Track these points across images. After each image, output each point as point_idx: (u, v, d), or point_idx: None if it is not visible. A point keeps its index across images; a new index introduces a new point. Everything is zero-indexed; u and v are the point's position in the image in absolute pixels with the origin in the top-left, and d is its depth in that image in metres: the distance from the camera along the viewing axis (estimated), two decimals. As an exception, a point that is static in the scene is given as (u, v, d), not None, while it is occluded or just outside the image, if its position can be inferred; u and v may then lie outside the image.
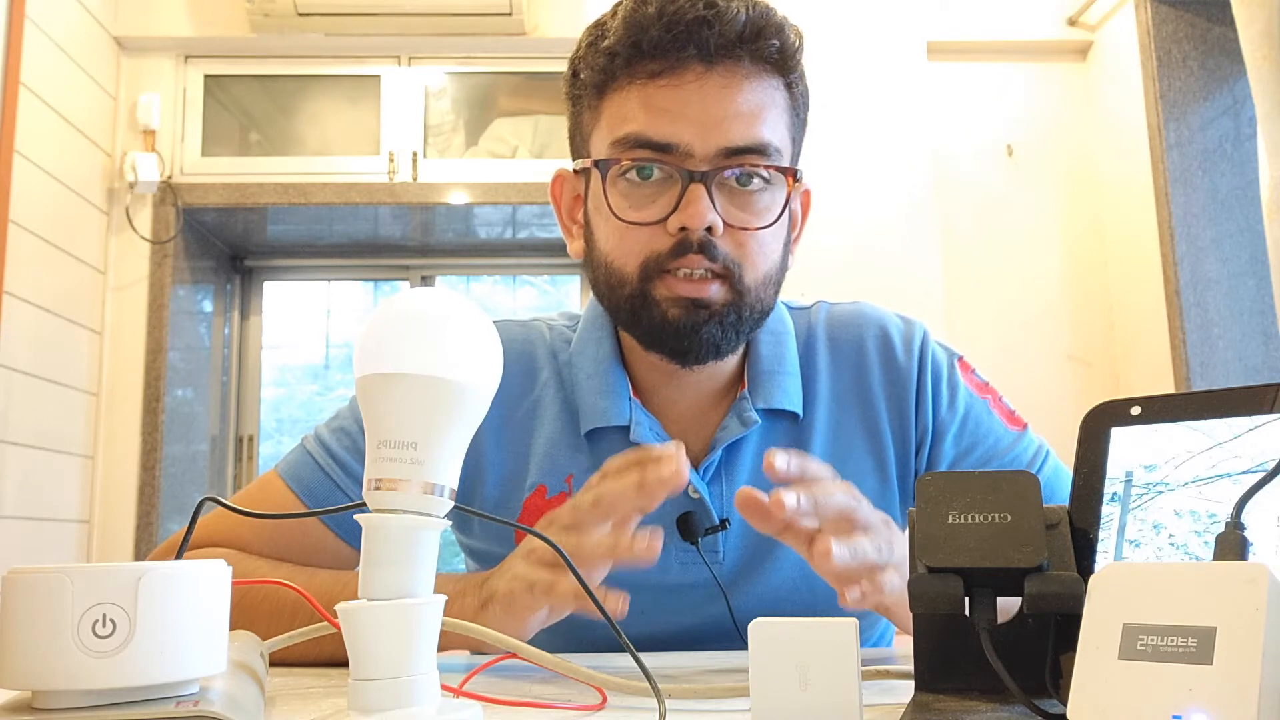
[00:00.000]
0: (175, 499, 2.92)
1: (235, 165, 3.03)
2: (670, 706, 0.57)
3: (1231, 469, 0.48)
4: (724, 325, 0.85)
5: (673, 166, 0.84)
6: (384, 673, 0.48)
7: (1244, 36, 2.20)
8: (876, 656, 0.92)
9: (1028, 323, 3.05)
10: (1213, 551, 0.44)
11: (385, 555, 0.49)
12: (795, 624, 0.49)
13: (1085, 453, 0.53)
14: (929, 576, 0.49)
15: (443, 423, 0.49)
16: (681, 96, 0.84)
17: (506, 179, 3.03)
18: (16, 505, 2.47)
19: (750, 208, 0.86)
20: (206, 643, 0.47)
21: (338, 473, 0.92)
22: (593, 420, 0.92)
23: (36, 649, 0.44)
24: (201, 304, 3.17)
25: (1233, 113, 2.83)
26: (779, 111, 0.87)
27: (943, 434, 0.95)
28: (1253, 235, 2.74)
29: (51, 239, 2.62)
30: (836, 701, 0.48)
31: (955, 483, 0.50)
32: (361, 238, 3.33)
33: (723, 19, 0.83)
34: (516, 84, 3.15)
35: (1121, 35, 2.99)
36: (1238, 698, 0.36)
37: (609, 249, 0.88)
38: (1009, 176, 3.13)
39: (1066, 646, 0.49)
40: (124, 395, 2.87)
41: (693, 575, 0.91)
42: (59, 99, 2.66)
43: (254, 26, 2.95)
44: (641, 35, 0.84)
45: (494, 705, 0.59)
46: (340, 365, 3.47)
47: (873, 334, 0.98)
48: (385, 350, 0.50)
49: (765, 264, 0.87)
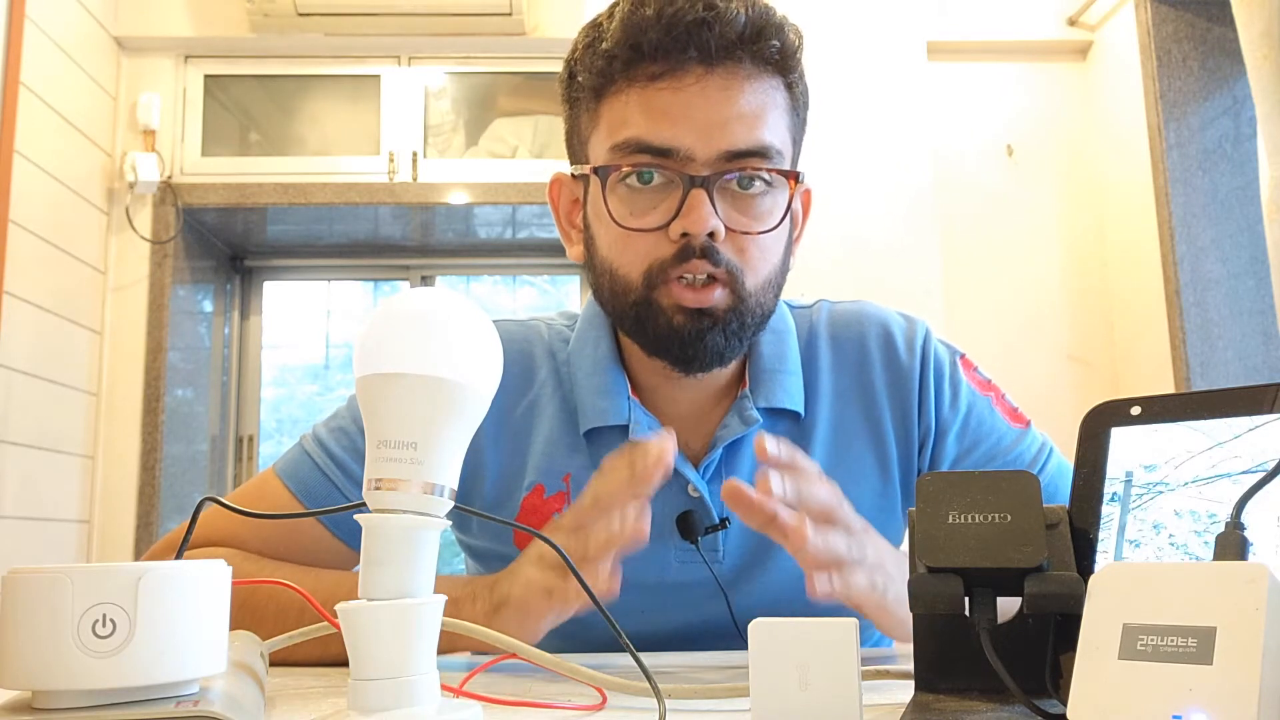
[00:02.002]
0: (175, 499, 2.92)
1: (235, 165, 3.03)
2: (670, 706, 0.57)
3: (1231, 469, 0.48)
4: (727, 333, 0.85)
5: (673, 171, 0.83)
6: (384, 673, 0.48)
7: (1244, 36, 2.20)
8: (876, 656, 0.92)
9: (1028, 322, 3.05)
10: (1213, 551, 0.44)
11: (385, 555, 0.49)
12: (795, 624, 0.49)
13: (1085, 453, 0.53)
14: (929, 576, 0.49)
15: (443, 423, 0.49)
16: (682, 99, 0.83)
17: (506, 179, 3.03)
18: (16, 505, 2.47)
19: (752, 211, 0.86)
20: (206, 643, 0.47)
21: (335, 473, 0.92)
22: (591, 419, 0.92)
23: (36, 649, 0.44)
24: (201, 304, 3.17)
25: (1233, 113, 2.83)
26: (780, 113, 0.87)
27: (945, 432, 0.95)
28: (1253, 235, 2.74)
29: (51, 239, 2.62)
30: (836, 701, 0.48)
31: (955, 483, 0.50)
32: (361, 238, 3.33)
33: (723, 20, 0.82)
34: (516, 84, 3.15)
35: (1121, 35, 2.99)
36: (1238, 698, 0.36)
37: (611, 256, 0.87)
38: (1009, 176, 3.13)
39: (1066, 646, 0.49)
40: (124, 395, 2.87)
41: (693, 574, 0.91)
42: (59, 99, 2.66)
43: (254, 26, 2.95)
44: (641, 37, 0.83)
45: (494, 705, 0.59)
46: (340, 365, 3.47)
47: (875, 333, 0.98)
48: (385, 350, 0.50)
49: (767, 268, 0.87)
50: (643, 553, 0.90)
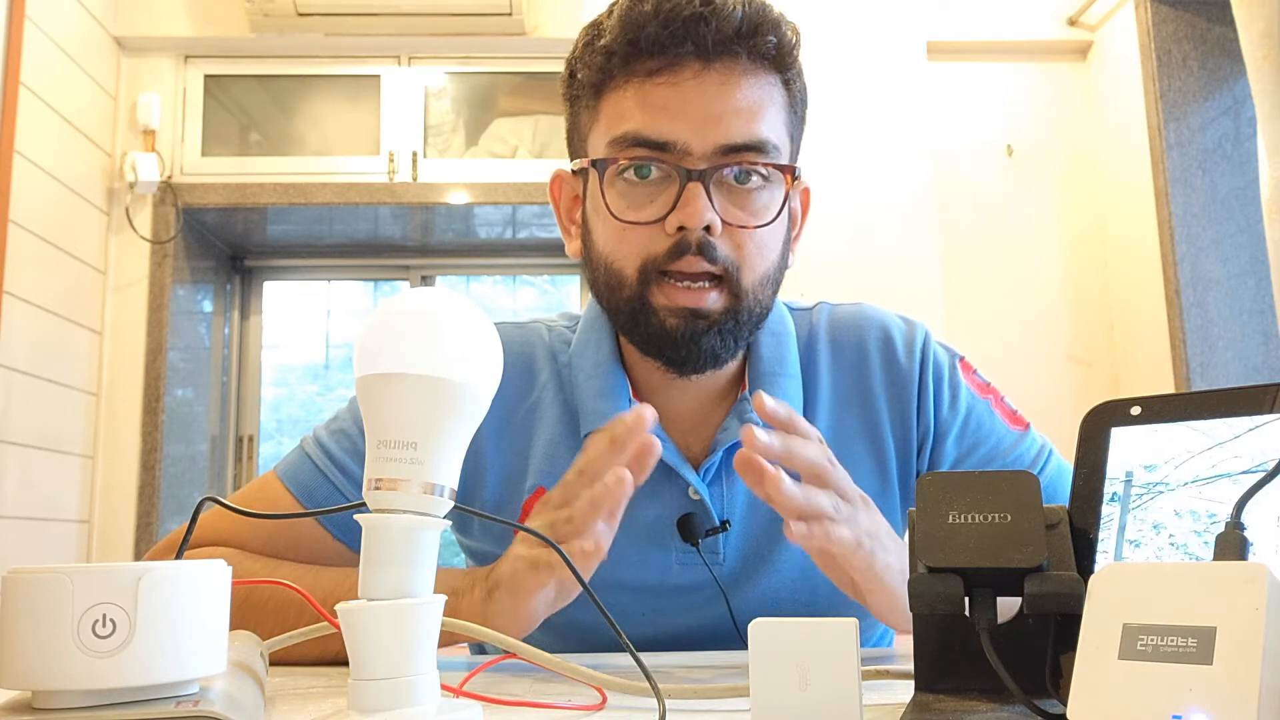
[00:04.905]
0: (175, 499, 2.92)
1: (235, 165, 3.03)
2: (670, 706, 0.57)
3: (1231, 469, 0.48)
4: (723, 334, 0.85)
5: (670, 165, 0.84)
6: (384, 673, 0.48)
7: (1244, 36, 2.20)
8: (876, 656, 0.92)
9: (1028, 323, 3.05)
10: (1213, 551, 0.44)
11: (385, 555, 0.49)
12: (795, 624, 0.49)
13: (1085, 453, 0.53)
14: (929, 576, 0.49)
15: (443, 423, 0.49)
16: (679, 94, 0.83)
17: (506, 179, 3.03)
18: (16, 505, 2.47)
19: (749, 206, 0.86)
20: (206, 643, 0.47)
21: (336, 475, 0.92)
22: (593, 422, 0.92)
23: (36, 649, 0.44)
24: (201, 304, 3.17)
25: (1233, 113, 2.83)
26: (777, 109, 0.87)
27: (944, 435, 0.95)
28: (1253, 235, 2.74)
29: (51, 239, 2.62)
30: (836, 701, 0.48)
31: (955, 483, 0.50)
32: (361, 238, 3.33)
33: (719, 15, 0.82)
34: (516, 84, 3.16)
35: (1121, 35, 2.99)
36: (1238, 698, 0.36)
37: (607, 250, 0.87)
38: (1009, 176, 3.13)
39: (1066, 646, 0.49)
40: (124, 395, 2.87)
41: (693, 576, 0.91)
42: (59, 99, 2.66)
43: (254, 26, 2.95)
44: (638, 33, 0.83)
45: (494, 705, 0.59)
46: (340, 365, 3.47)
47: (874, 335, 0.98)
48: (385, 350, 0.50)
49: (764, 264, 0.87)
50: (643, 555, 0.91)
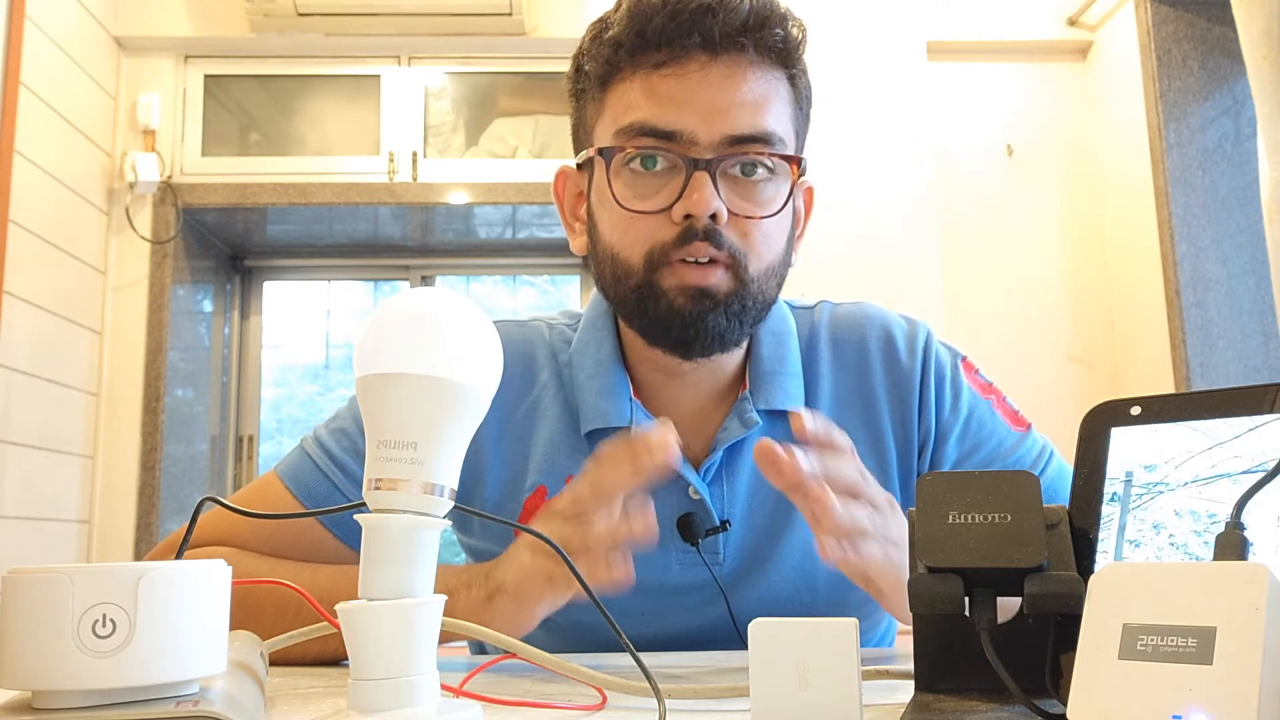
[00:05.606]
0: (175, 499, 2.92)
1: (235, 165, 3.03)
2: (670, 706, 0.57)
3: (1231, 469, 0.48)
4: (729, 314, 0.85)
5: (677, 154, 0.84)
6: (384, 673, 0.48)
7: (1244, 36, 2.20)
8: (876, 656, 0.92)
9: (1028, 323, 3.05)
10: (1213, 551, 0.44)
11: (385, 555, 0.49)
12: (795, 624, 0.49)
13: (1085, 453, 0.53)
14: (929, 576, 0.49)
15: (443, 423, 0.49)
16: (685, 85, 0.84)
17: (506, 179, 3.03)
18: (16, 505, 2.47)
19: (754, 197, 0.86)
20: (206, 643, 0.47)
21: (336, 474, 0.92)
22: (593, 421, 0.92)
23: (36, 649, 0.44)
24: (201, 304, 3.17)
25: (1233, 113, 2.83)
26: (783, 103, 0.88)
27: (946, 435, 0.95)
28: (1253, 235, 2.74)
29: (51, 239, 2.62)
30: (836, 701, 0.48)
31: (955, 483, 0.50)
32: (361, 238, 3.33)
33: (726, 8, 0.83)
34: (516, 84, 3.15)
35: (1121, 35, 2.99)
36: (1238, 698, 0.36)
37: (614, 240, 0.88)
38: (1009, 176, 3.13)
39: (1066, 646, 0.49)
40: (124, 395, 2.87)
41: (693, 576, 0.91)
42: (59, 99, 2.66)
43: (254, 26, 2.95)
44: (646, 24, 0.84)
45: (494, 705, 0.59)
46: (340, 365, 3.47)
47: (876, 335, 0.98)
48: (385, 350, 0.50)
49: (769, 254, 0.87)
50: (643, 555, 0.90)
